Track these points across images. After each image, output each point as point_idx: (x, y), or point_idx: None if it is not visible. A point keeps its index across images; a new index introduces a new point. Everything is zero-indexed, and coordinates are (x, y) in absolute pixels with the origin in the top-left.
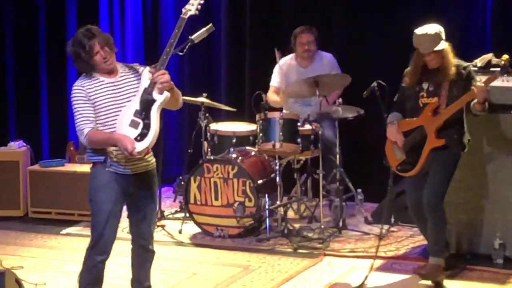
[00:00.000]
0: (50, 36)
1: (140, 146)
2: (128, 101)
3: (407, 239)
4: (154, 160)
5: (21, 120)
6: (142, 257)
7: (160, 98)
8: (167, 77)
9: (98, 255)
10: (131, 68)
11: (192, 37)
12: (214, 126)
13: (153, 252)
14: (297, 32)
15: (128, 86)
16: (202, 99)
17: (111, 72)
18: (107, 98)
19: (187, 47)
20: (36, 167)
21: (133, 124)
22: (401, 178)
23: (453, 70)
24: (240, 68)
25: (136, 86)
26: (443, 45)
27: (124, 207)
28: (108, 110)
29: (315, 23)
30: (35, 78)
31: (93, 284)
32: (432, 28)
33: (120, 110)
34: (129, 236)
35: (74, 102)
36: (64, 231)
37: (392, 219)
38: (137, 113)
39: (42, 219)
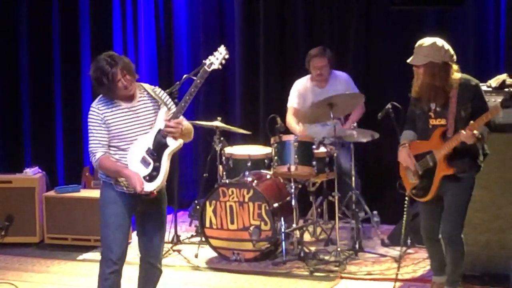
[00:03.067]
0: (65, 64)
1: (148, 187)
2: (143, 128)
3: (424, 261)
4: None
5: (36, 146)
6: (148, 274)
7: (173, 144)
8: (179, 130)
9: (108, 267)
10: (149, 92)
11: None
12: (229, 149)
13: (160, 271)
14: (310, 56)
15: (144, 112)
16: (216, 123)
17: (130, 97)
18: (123, 124)
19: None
20: (52, 193)
21: (144, 162)
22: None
23: (448, 89)
24: (255, 91)
25: (152, 113)
26: (425, 60)
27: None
28: (123, 135)
29: (330, 45)
30: (50, 105)
31: None
32: (430, 40)
33: (134, 137)
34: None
35: (90, 123)
36: (80, 257)
37: (409, 241)
38: (149, 152)
39: (58, 245)
